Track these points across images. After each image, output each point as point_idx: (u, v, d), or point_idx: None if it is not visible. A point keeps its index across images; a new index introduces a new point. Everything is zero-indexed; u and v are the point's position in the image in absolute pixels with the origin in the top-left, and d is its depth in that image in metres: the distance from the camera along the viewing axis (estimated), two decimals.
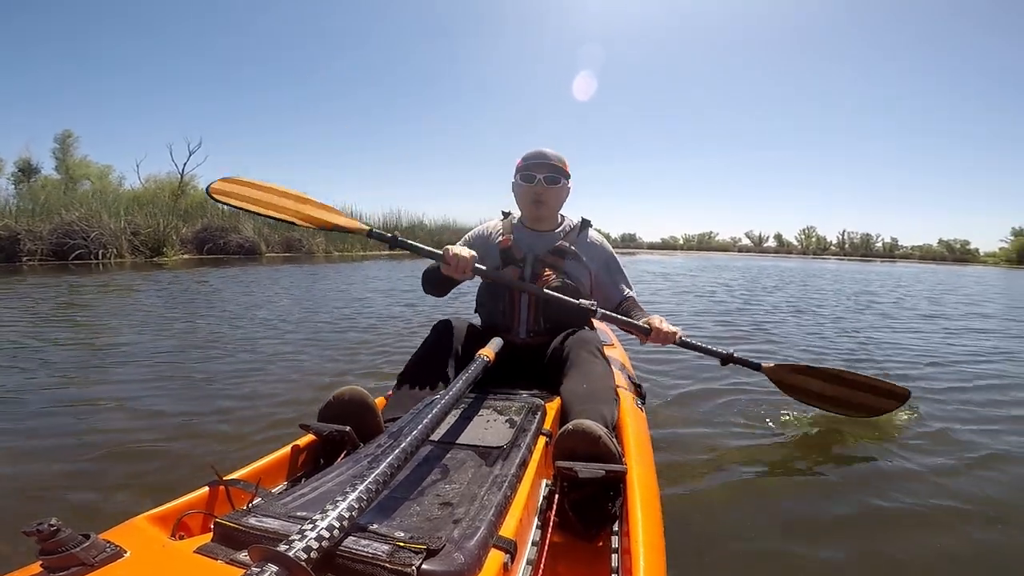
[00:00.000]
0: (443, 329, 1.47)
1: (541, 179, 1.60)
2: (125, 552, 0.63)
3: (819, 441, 1.96)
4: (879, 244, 52.72)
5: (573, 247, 1.65)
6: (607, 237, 1.80)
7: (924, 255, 48.50)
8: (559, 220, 1.72)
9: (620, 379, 1.58)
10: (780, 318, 5.30)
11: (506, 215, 1.77)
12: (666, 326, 1.56)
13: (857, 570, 1.22)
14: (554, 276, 1.59)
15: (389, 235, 1.60)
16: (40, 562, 0.58)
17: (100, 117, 48.14)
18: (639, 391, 1.70)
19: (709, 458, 1.77)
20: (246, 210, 1.62)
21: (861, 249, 52.28)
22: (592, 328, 1.70)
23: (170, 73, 62.19)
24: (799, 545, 1.29)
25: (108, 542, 0.63)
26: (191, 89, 64.43)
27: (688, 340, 1.68)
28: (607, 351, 1.56)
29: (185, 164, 22.08)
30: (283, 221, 1.62)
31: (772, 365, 1.96)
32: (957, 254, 46.33)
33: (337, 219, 1.63)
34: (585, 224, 1.74)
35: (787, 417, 2.14)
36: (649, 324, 1.57)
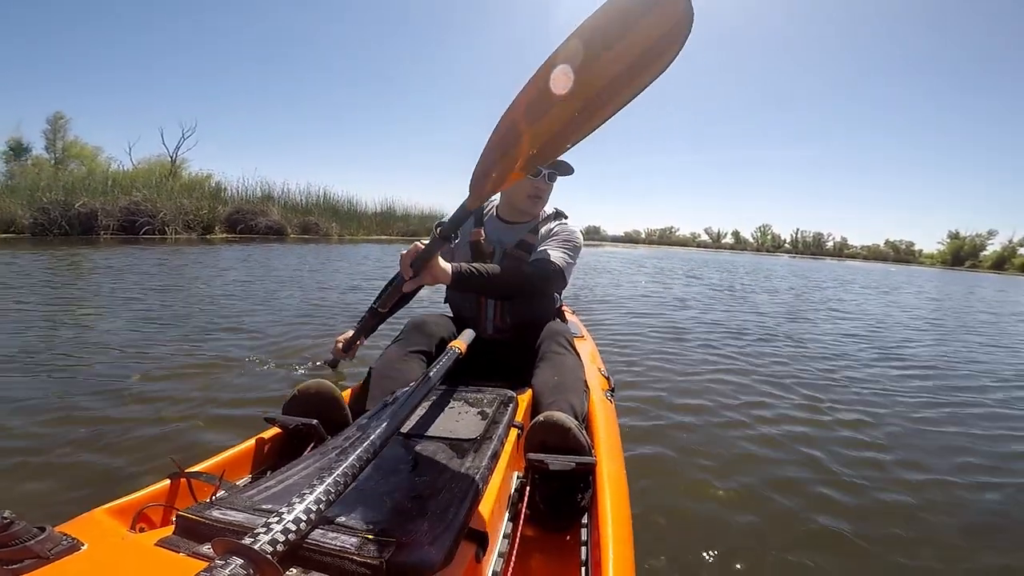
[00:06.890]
0: (415, 322, 1.46)
1: (546, 174, 1.51)
2: (82, 545, 0.61)
3: (789, 431, 2.02)
4: (830, 243, 55.24)
5: (538, 238, 1.59)
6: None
7: (870, 255, 51.19)
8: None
9: (590, 371, 1.60)
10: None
11: None
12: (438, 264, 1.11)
13: (826, 561, 1.26)
14: None
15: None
16: None
17: (89, 101, 49.07)
18: (609, 383, 1.72)
19: (678, 450, 1.81)
20: None
21: (812, 247, 54.68)
22: (563, 320, 1.70)
23: (162, 56, 61.16)
24: (766, 536, 1.33)
25: (65, 535, 0.61)
26: (183, 72, 63.68)
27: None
28: (577, 343, 1.57)
29: (178, 147, 22.57)
30: None
31: None
32: (901, 254, 49.09)
33: None
34: (558, 215, 1.67)
35: (759, 410, 2.20)
36: None
